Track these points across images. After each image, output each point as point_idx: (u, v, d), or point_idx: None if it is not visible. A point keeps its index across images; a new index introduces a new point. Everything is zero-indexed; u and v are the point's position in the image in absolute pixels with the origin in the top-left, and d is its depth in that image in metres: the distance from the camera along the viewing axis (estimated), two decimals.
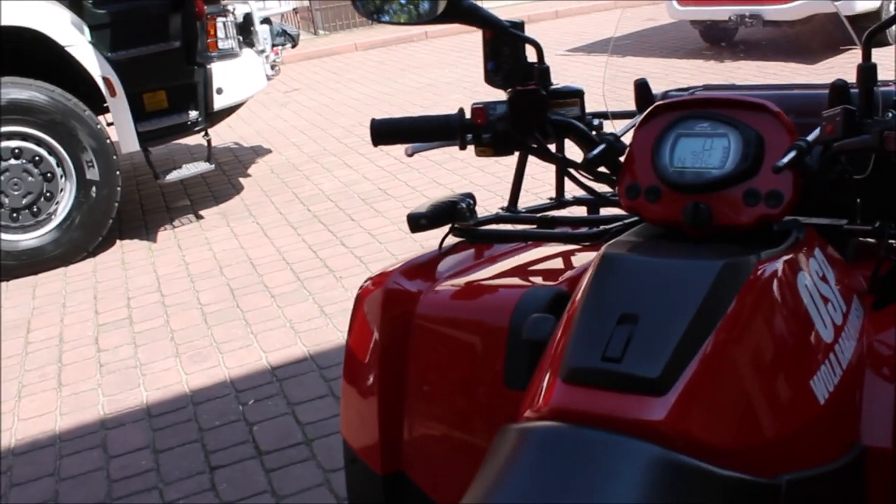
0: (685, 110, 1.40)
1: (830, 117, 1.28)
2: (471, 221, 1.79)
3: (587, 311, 1.21)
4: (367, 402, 1.79)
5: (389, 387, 1.75)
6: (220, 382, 4.03)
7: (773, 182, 1.29)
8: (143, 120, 5.97)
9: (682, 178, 1.34)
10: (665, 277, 1.20)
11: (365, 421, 1.80)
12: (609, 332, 1.15)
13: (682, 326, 1.12)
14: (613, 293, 1.21)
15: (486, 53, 1.67)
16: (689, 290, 1.16)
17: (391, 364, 1.75)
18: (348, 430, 1.86)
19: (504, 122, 1.55)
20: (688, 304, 1.15)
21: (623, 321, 1.15)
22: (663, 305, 1.16)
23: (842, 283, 1.37)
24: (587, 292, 1.23)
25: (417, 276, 1.81)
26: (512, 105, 1.54)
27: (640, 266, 1.23)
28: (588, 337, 1.17)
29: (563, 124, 1.57)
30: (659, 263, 1.23)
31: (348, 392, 1.87)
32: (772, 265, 1.23)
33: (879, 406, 1.28)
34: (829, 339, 1.25)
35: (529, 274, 1.81)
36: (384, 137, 1.63)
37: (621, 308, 1.17)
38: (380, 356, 1.76)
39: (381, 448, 1.76)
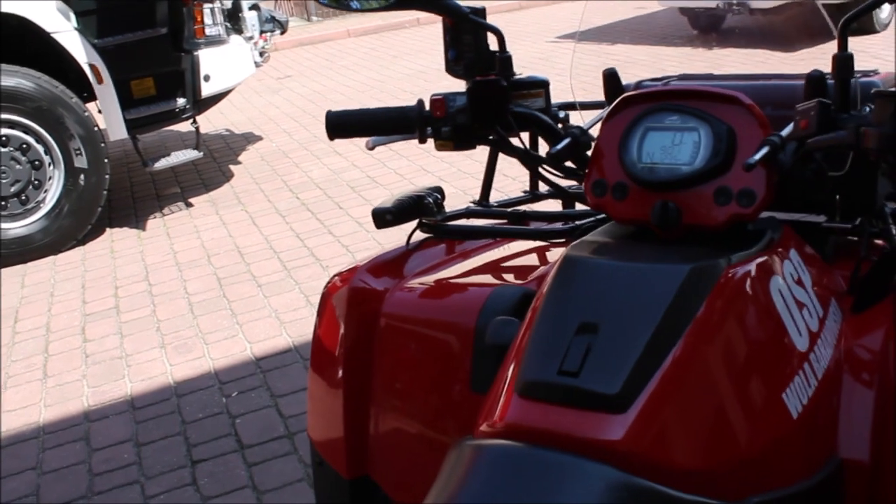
0: (654, 102, 1.35)
1: (804, 111, 1.23)
2: (438, 216, 1.76)
3: (545, 319, 1.16)
4: (332, 403, 1.76)
5: (355, 388, 1.72)
6: (205, 374, 4.01)
7: (745, 180, 1.24)
8: (130, 107, 5.93)
9: (650, 174, 1.29)
10: (628, 283, 1.15)
11: (331, 423, 1.77)
12: (567, 342, 1.10)
13: (645, 337, 1.08)
14: (573, 300, 1.17)
15: (446, 42, 1.63)
16: (653, 297, 1.12)
17: (357, 364, 1.72)
18: (315, 432, 1.84)
19: (464, 115, 1.51)
20: (651, 312, 1.10)
21: (582, 331, 1.11)
22: (625, 314, 1.11)
23: (819, 286, 1.33)
24: (546, 299, 1.19)
25: (384, 273, 1.78)
26: (471, 97, 1.50)
27: (603, 270, 1.19)
28: (545, 348, 1.12)
29: (526, 116, 1.53)
30: (622, 268, 1.18)
31: (314, 393, 1.85)
32: (743, 269, 1.18)
33: (858, 415, 1.23)
34: (803, 348, 1.20)
35: (498, 271, 1.78)
36: (340, 131, 1.59)
37: (581, 316, 1.13)
38: (345, 356, 1.73)
39: (347, 451, 1.73)
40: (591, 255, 1.23)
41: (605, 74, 1.67)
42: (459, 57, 1.60)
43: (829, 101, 1.23)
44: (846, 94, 1.26)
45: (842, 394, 1.26)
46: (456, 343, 1.59)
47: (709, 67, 3.49)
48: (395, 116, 1.57)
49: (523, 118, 1.54)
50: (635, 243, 1.31)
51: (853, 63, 1.27)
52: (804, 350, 1.20)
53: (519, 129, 1.56)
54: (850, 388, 1.27)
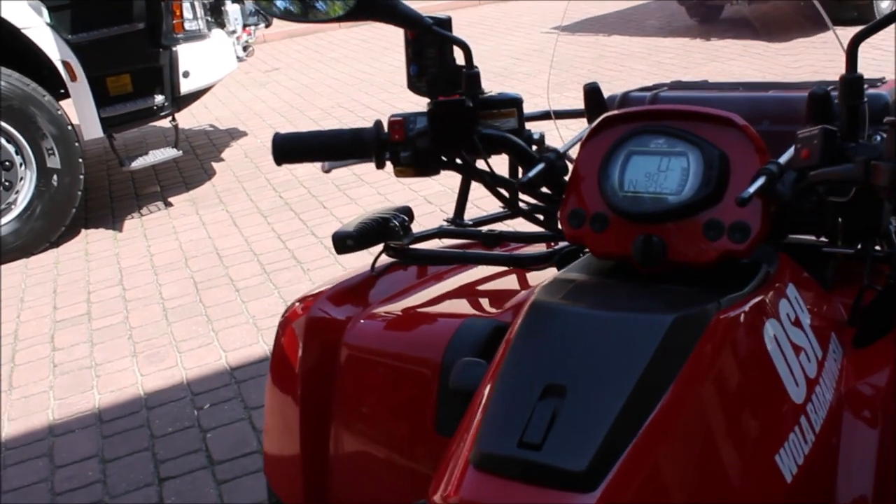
0: (638, 123, 1.20)
1: (807, 139, 1.08)
2: (405, 240, 1.60)
3: (507, 377, 1.00)
4: (289, 440, 1.62)
5: (313, 425, 1.58)
6: (177, 385, 3.83)
7: (738, 212, 1.09)
8: (106, 105, 5.75)
9: (632, 204, 1.14)
10: (602, 337, 1.00)
11: (287, 462, 1.63)
12: (530, 407, 0.95)
13: (619, 402, 0.92)
14: (539, 357, 1.01)
15: (408, 56, 1.46)
16: (631, 353, 0.96)
17: (315, 399, 1.58)
18: (271, 470, 1.68)
19: (425, 139, 1.35)
20: (627, 372, 0.95)
21: (548, 394, 0.95)
22: (597, 374, 0.96)
23: (817, 321, 1.18)
24: (509, 353, 1.03)
25: (347, 301, 1.64)
26: (432, 119, 1.35)
27: (574, 321, 1.03)
28: (505, 413, 0.97)
29: (495, 139, 1.37)
30: (596, 318, 1.03)
31: (270, 429, 1.70)
32: (734, 314, 1.03)
33: (859, 460, 1.10)
34: (800, 399, 1.06)
35: (469, 300, 1.63)
36: (289, 156, 1.43)
37: (547, 377, 0.97)
38: (303, 390, 1.59)
39: (305, 492, 1.59)
40: (562, 301, 1.07)
41: (586, 90, 1.51)
42: (422, 72, 1.44)
43: (835, 129, 1.07)
44: (854, 121, 1.10)
45: (842, 436, 1.13)
46: (421, 380, 1.45)
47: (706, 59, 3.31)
48: (348, 140, 1.41)
49: (493, 141, 1.38)
50: (614, 283, 1.15)
51: (863, 86, 1.10)
52: (801, 402, 1.06)
53: (488, 153, 1.39)
54: (851, 429, 1.14)
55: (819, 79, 1.42)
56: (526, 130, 1.42)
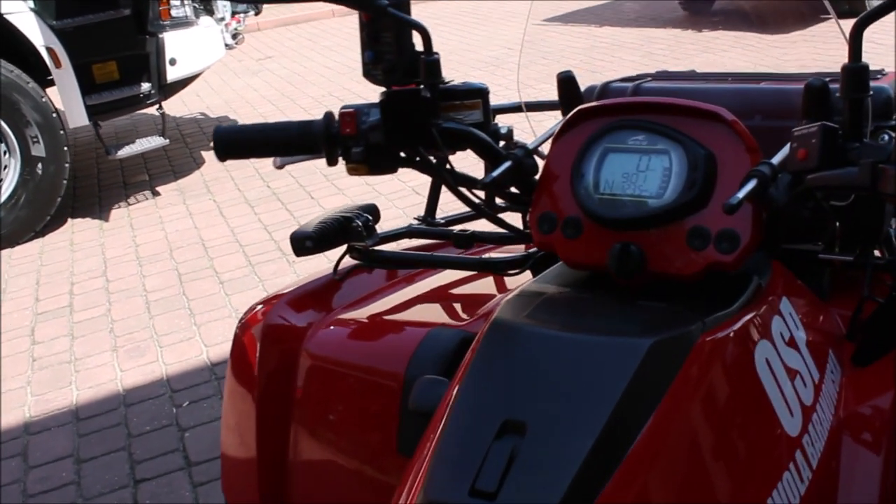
0: (615, 116, 1.09)
1: (804, 137, 0.96)
2: (369, 241, 1.50)
3: (460, 412, 0.90)
4: (246, 455, 1.53)
5: (270, 436, 1.50)
6: (156, 381, 3.74)
7: (726, 219, 0.98)
8: (92, 92, 5.65)
9: (608, 208, 1.04)
10: (568, 364, 0.89)
11: (245, 477, 1.54)
12: (484, 448, 0.85)
13: (587, 443, 0.82)
14: (496, 387, 0.90)
15: (362, 40, 1.36)
16: (601, 385, 0.86)
17: (273, 409, 1.49)
18: (228, 486, 1.60)
19: (379, 133, 1.24)
20: (597, 407, 0.84)
21: (505, 432, 0.85)
22: (562, 410, 0.85)
23: (814, 339, 1.08)
24: (463, 382, 0.93)
25: (307, 306, 1.55)
26: (385, 111, 1.23)
27: (537, 344, 0.93)
28: (456, 455, 0.86)
29: (458, 133, 1.26)
30: (562, 341, 0.92)
31: (227, 442, 1.61)
32: (721, 336, 0.93)
33: (862, 491, 1.01)
34: (795, 432, 0.96)
35: (436, 306, 1.54)
36: (232, 151, 1.32)
37: (505, 411, 0.87)
38: (260, 401, 1.50)
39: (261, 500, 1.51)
40: (526, 320, 0.96)
41: (560, 79, 1.40)
42: (378, 59, 1.33)
43: (836, 126, 0.95)
44: (858, 117, 0.97)
45: (841, 466, 1.03)
46: (384, 394, 1.36)
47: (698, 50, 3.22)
48: (296, 134, 1.29)
49: (454, 135, 1.26)
50: (586, 298, 1.04)
51: (868, 77, 0.98)
52: (796, 434, 0.96)
53: (449, 149, 1.28)
54: (852, 458, 1.04)
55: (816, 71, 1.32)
56: (492, 124, 1.32)
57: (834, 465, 1.03)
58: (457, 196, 1.33)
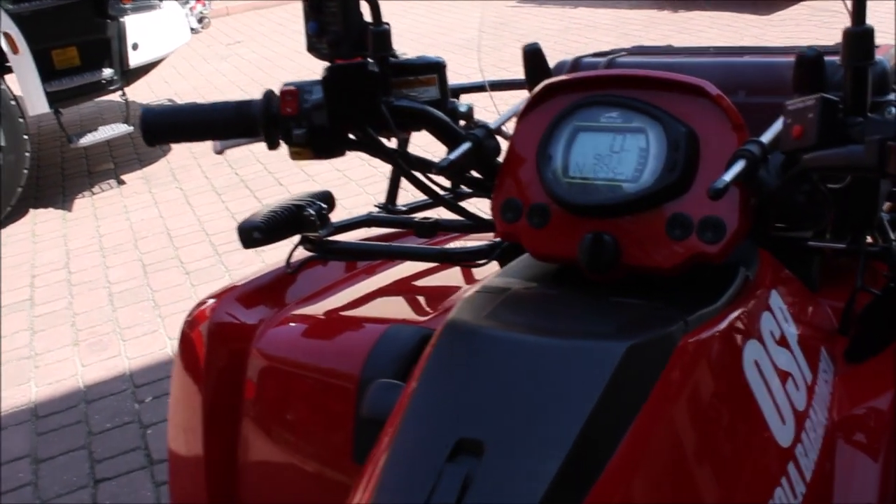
0: (586, 92, 0.98)
1: (799, 112, 0.85)
2: (323, 231, 1.39)
3: (410, 428, 0.80)
4: (193, 454, 1.42)
5: (219, 440, 1.39)
6: (119, 376, 3.62)
7: (710, 205, 0.88)
8: (52, 79, 5.49)
9: (579, 194, 0.93)
10: (532, 373, 0.79)
11: (192, 477, 1.44)
12: (436, 471, 0.74)
13: (555, 463, 0.72)
14: (450, 402, 0.80)
15: (306, 12, 1.24)
16: (570, 397, 0.76)
17: (222, 412, 1.39)
18: (175, 485, 1.50)
19: (322, 112, 1.13)
20: (565, 423, 0.74)
21: (460, 452, 0.75)
22: (525, 426, 0.75)
23: (806, 336, 0.99)
24: (414, 394, 0.83)
25: (258, 302, 1.44)
26: (327, 87, 1.11)
27: (497, 350, 0.82)
28: (404, 479, 0.76)
29: (410, 112, 1.14)
30: (525, 346, 0.81)
31: (174, 441, 1.50)
32: (705, 338, 0.83)
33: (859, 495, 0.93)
34: (788, 442, 0.87)
35: (397, 301, 1.43)
36: (162, 134, 1.20)
37: (459, 429, 0.77)
38: (207, 403, 1.40)
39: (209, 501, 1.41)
40: (486, 321, 0.85)
41: (526, 52, 1.28)
42: (322, 31, 1.21)
43: (837, 99, 0.84)
44: (861, 89, 0.86)
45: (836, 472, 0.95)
46: (338, 396, 1.25)
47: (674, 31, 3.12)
48: (232, 115, 1.16)
49: (408, 114, 1.14)
50: (555, 295, 0.93)
51: (874, 43, 0.86)
52: (789, 445, 0.86)
53: (402, 129, 1.17)
54: (848, 464, 0.95)
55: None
56: (450, 102, 1.20)
57: (829, 471, 0.94)
58: (411, 182, 1.22)
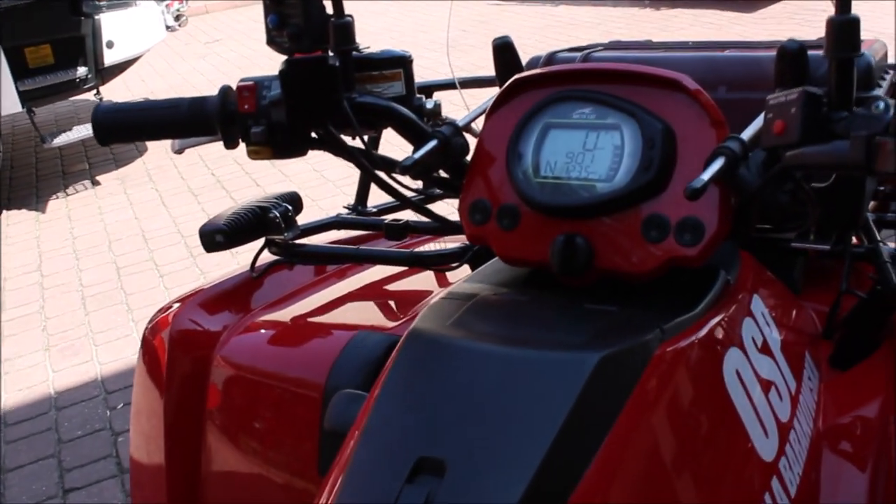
0: (558, 87, 0.93)
1: (781, 107, 0.80)
2: (288, 233, 1.34)
3: (368, 444, 0.74)
4: (155, 462, 1.37)
5: (181, 449, 1.35)
6: (90, 381, 3.54)
7: (688, 206, 0.83)
8: (25, 77, 5.41)
9: (550, 194, 0.88)
10: (499, 385, 0.73)
11: (154, 486, 1.39)
12: (394, 493, 0.69)
13: (521, 484, 0.66)
14: (410, 416, 0.74)
15: (265, 3, 1.18)
16: (539, 411, 0.70)
17: (184, 421, 1.34)
18: (137, 493, 1.44)
19: (281, 109, 1.06)
20: (534, 439, 0.69)
21: (420, 472, 0.70)
22: (490, 443, 0.70)
23: (789, 342, 0.94)
24: (373, 408, 0.77)
25: (222, 308, 1.38)
26: (284, 82, 1.05)
27: (461, 361, 0.76)
28: (360, 499, 0.71)
29: (373, 109, 1.09)
30: (491, 357, 0.76)
31: (136, 449, 1.45)
32: (683, 346, 0.78)
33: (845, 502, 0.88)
34: (771, 456, 0.82)
35: (365, 306, 1.38)
36: (114, 133, 1.14)
37: (420, 446, 0.71)
38: (169, 412, 1.34)
39: None
40: (450, 330, 0.80)
41: (496, 46, 1.22)
42: (282, 24, 1.15)
43: (820, 93, 0.79)
44: (847, 81, 0.80)
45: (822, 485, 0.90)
46: (304, 406, 1.20)
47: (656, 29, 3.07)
48: (187, 112, 1.11)
49: (371, 111, 1.09)
50: (525, 301, 0.88)
51: (859, 33, 0.80)
52: (772, 459, 0.81)
53: (365, 127, 1.11)
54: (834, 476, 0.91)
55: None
56: (416, 98, 1.14)
57: (814, 482, 0.90)
58: (376, 183, 1.16)
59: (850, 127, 0.74)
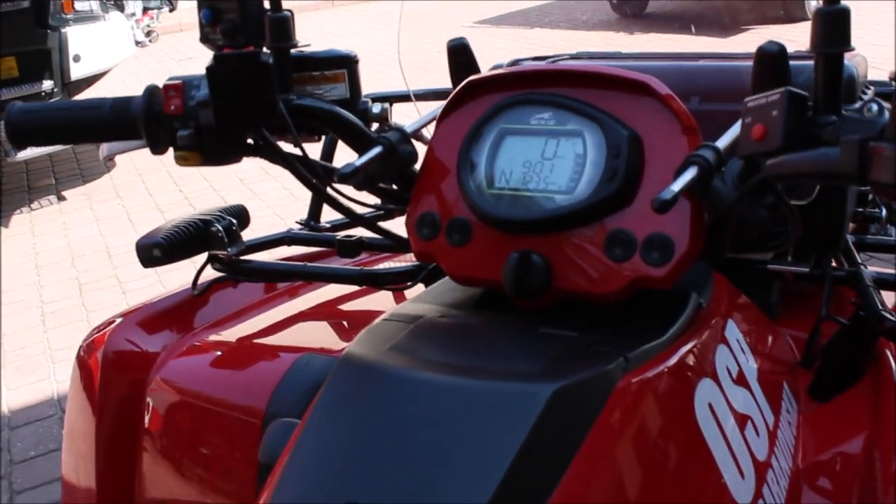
0: (514, 90, 0.87)
1: (760, 109, 0.72)
2: (232, 249, 1.27)
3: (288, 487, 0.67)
4: (87, 494, 1.31)
5: (113, 475, 1.28)
6: (46, 400, 3.44)
7: (656, 220, 0.76)
8: None
9: (504, 207, 0.81)
10: (440, 422, 0.66)
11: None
12: None
13: None
14: (338, 455, 0.67)
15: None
16: (485, 450, 0.63)
17: (117, 446, 1.27)
18: None
19: (210, 111, 0.99)
20: (478, 481, 0.61)
21: None
22: (428, 488, 0.62)
23: (766, 371, 0.87)
24: (298, 442, 0.70)
25: (161, 327, 1.32)
26: (212, 80, 0.97)
27: (397, 393, 0.69)
28: None
29: (313, 112, 1.01)
30: (433, 388, 0.68)
31: (68, 478, 1.39)
32: (650, 377, 0.71)
33: None
34: (747, 499, 0.74)
35: (312, 327, 1.31)
36: (29, 135, 1.06)
37: (348, 490, 0.63)
38: (102, 437, 1.27)
39: None
40: (387, 357, 0.72)
41: (451, 48, 1.16)
42: (216, 19, 1.05)
43: (805, 94, 0.71)
44: (835, 81, 0.73)
45: None
46: (243, 433, 1.13)
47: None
48: (109, 114, 1.03)
49: (310, 115, 1.01)
50: (474, 325, 0.80)
51: (849, 26, 0.72)
52: (748, 502, 0.73)
53: (304, 132, 1.04)
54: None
55: None
56: (361, 102, 1.07)
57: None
58: (315, 194, 1.09)
59: (840, 131, 0.68)
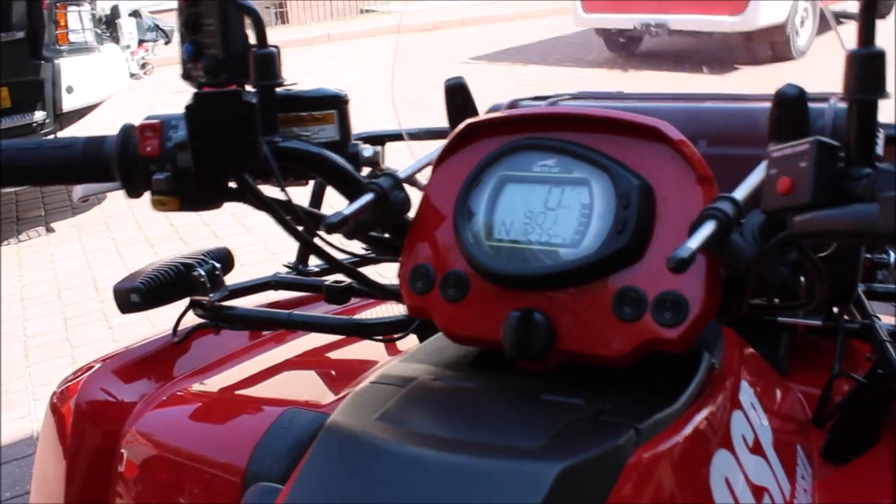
0: (516, 134, 0.81)
1: (787, 160, 0.66)
2: (214, 295, 1.21)
3: None
4: None
5: None
6: (26, 439, 3.36)
7: (669, 279, 0.70)
8: None
9: (504, 261, 0.75)
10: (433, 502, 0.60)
11: None
12: None
13: None
14: None
15: (181, 32, 1.04)
16: None
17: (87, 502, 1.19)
18: None
19: (189, 153, 0.93)
20: None
21: None
22: None
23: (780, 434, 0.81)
24: None
25: (138, 376, 1.25)
26: (190, 121, 0.90)
27: (385, 469, 0.63)
28: None
29: (300, 155, 0.95)
30: (425, 465, 0.62)
31: None
32: (662, 451, 0.65)
33: None
34: None
35: (297, 379, 1.25)
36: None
37: None
38: (72, 496, 1.20)
39: None
40: (375, 427, 0.66)
41: (448, 88, 1.10)
42: (198, 54, 0.98)
43: (837, 144, 0.65)
44: (870, 130, 0.66)
45: None
46: (223, 494, 1.07)
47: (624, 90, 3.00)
48: (81, 154, 0.96)
49: (296, 157, 0.95)
50: (469, 391, 0.74)
51: (885, 69, 0.66)
52: None
53: (289, 177, 0.98)
54: None
55: None
56: (352, 144, 1.00)
57: None
58: (299, 241, 1.03)
59: (877, 187, 0.61)
